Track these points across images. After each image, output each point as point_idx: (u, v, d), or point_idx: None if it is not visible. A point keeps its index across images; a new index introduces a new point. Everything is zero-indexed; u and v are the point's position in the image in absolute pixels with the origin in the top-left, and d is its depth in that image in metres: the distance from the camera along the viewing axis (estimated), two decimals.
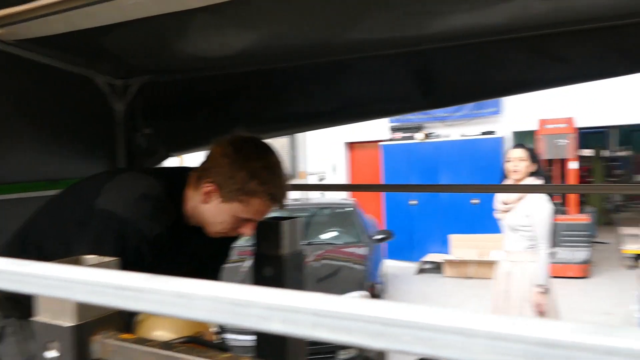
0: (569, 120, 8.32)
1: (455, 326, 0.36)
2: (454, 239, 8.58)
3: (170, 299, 0.47)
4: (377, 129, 9.66)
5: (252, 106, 2.41)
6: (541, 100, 8.31)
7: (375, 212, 9.39)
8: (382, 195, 9.68)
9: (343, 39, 1.85)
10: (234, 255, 2.28)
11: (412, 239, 9.40)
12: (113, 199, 1.37)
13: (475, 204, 8.85)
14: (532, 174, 3.71)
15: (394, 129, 9.52)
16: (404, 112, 2.19)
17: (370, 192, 9.63)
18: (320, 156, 10.48)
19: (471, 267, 8.19)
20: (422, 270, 8.86)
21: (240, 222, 1.45)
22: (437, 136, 9.36)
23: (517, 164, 3.69)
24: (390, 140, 9.59)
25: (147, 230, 1.33)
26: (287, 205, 1.59)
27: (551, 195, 3.79)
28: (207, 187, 1.41)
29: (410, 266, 9.11)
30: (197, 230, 1.50)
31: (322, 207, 6.99)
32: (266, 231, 1.81)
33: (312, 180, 10.43)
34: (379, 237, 6.30)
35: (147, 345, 1.08)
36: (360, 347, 0.40)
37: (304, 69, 2.15)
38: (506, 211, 3.78)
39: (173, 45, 2.06)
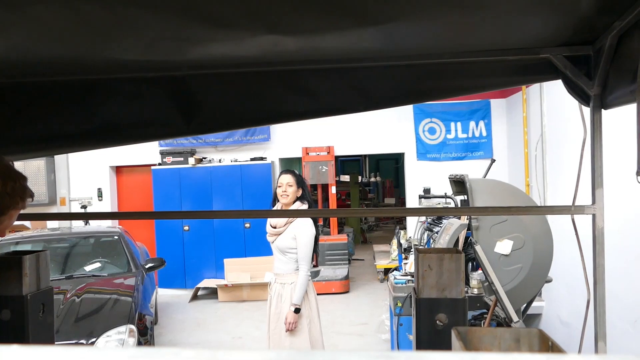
0: (329, 149, 9.16)
1: None
2: (228, 263, 8.66)
3: None
4: (147, 152, 9.31)
5: None
6: (305, 130, 9.03)
7: (145, 239, 8.98)
8: (153, 221, 9.31)
9: (96, 58, 1.74)
10: None
11: (186, 266, 9.22)
12: None
13: (247, 228, 9.10)
14: (298, 198, 3.95)
15: (164, 153, 9.28)
16: (165, 137, 2.12)
17: (140, 220, 9.17)
18: (85, 181, 9.64)
19: (245, 290, 8.35)
20: (196, 297, 8.72)
21: None
22: (210, 161, 9.41)
23: (286, 189, 3.90)
24: (161, 164, 9.32)
25: None
26: (37, 237, 1.43)
27: (315, 219, 4.06)
28: None
29: (185, 294, 8.90)
30: None
31: (86, 236, 6.42)
32: (5, 268, 1.59)
33: (75, 207, 9.52)
34: (150, 265, 6.02)
35: None
36: None
37: (53, 86, 1.96)
38: (276, 235, 3.94)
39: None
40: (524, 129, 7.53)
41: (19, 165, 8.97)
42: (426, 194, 9.09)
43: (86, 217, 5.38)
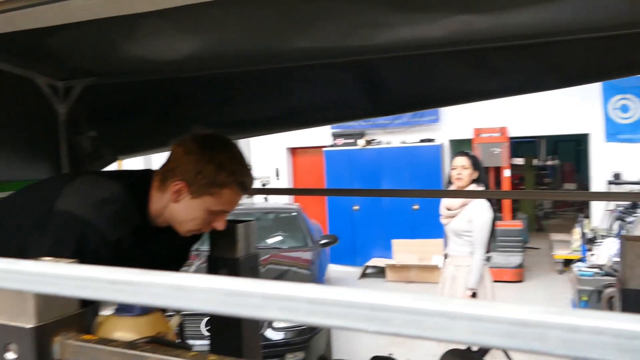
0: (502, 130, 8.72)
1: (439, 310, 0.41)
2: (396, 244, 8.78)
3: (169, 291, 0.50)
4: (319, 134, 9.77)
5: (198, 111, 2.41)
6: (476, 110, 8.69)
7: (318, 217, 9.48)
8: (325, 200, 9.78)
9: (291, 47, 1.89)
10: None
11: (355, 244, 9.55)
12: (74, 200, 1.34)
13: (415, 209, 9.10)
14: (474, 181, 3.86)
15: (336, 135, 9.66)
16: (350, 119, 2.25)
17: (313, 198, 9.69)
18: (264, 162, 10.47)
19: (413, 271, 8.40)
20: (365, 275, 9.01)
21: (212, 216, 1.47)
22: (379, 143, 9.57)
23: (460, 171, 3.85)
24: (332, 146, 9.72)
25: (108, 233, 1.32)
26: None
27: (491, 202, 3.93)
28: (176, 185, 1.41)
29: (354, 271, 9.24)
30: (159, 232, 1.50)
31: (267, 211, 6.99)
32: (221, 234, 1.82)
33: (256, 185, 10.39)
34: (324, 241, 6.37)
35: (111, 346, 1.08)
36: (355, 330, 0.44)
37: (251, 75, 2.18)
38: (450, 217, 3.90)
39: (118, 48, 2.03)
40: None
41: None
42: (616, 179, 8.23)
43: (274, 192, 5.82)
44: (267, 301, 0.46)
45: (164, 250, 1.57)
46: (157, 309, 1.32)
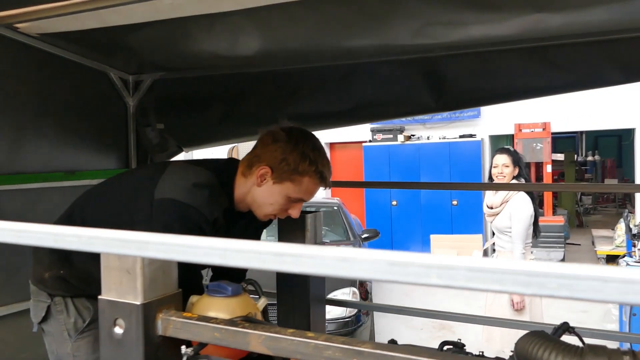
0: (545, 125, 8.61)
1: (590, 274, 0.48)
2: (435, 239, 8.78)
3: (335, 262, 0.58)
4: (358, 130, 9.81)
5: (264, 105, 2.50)
6: (517, 106, 8.59)
7: (357, 212, 9.54)
8: (364, 195, 9.84)
9: (360, 44, 1.96)
10: None
11: (394, 239, 9.58)
12: (171, 187, 1.45)
13: (454, 205, 9.08)
14: (515, 177, 3.81)
15: (375, 131, 9.69)
16: (415, 114, 2.32)
17: (352, 193, 9.76)
18: None
19: None
20: None
21: (290, 203, 1.57)
22: (418, 138, 9.56)
23: (502, 170, 3.79)
24: (372, 141, 9.76)
25: (207, 213, 1.43)
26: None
27: (533, 197, 3.90)
28: (261, 170, 1.52)
29: None
30: (240, 217, 1.61)
31: (308, 205, 7.08)
32: (290, 224, 1.92)
33: None
34: (366, 235, 6.43)
35: (212, 322, 1.18)
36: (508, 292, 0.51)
37: (317, 71, 2.26)
38: (493, 215, 3.88)
39: (187, 44, 2.14)
40: None
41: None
42: None
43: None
44: (427, 270, 0.54)
45: (242, 233, 1.67)
46: (245, 290, 1.42)
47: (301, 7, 1.62)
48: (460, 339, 1.56)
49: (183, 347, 1.17)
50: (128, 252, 0.75)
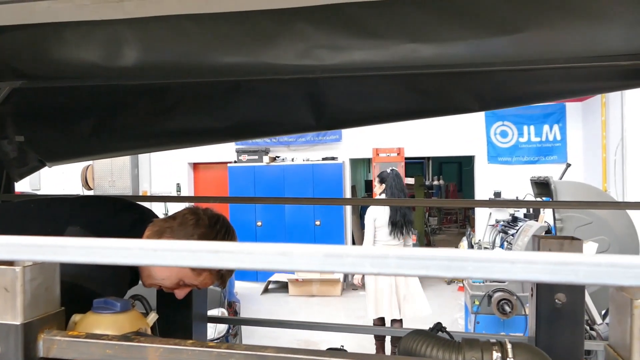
0: (399, 150, 9.29)
1: (500, 258, 0.57)
2: None
3: (274, 257, 0.60)
4: (223, 150, 9.76)
5: (139, 120, 2.41)
6: (375, 131, 9.20)
7: None
8: (229, 215, 9.74)
9: (243, 62, 1.99)
10: None
11: None
12: (71, 266, 1.35)
13: (317, 225, 9.37)
14: (383, 192, 5.44)
15: (240, 152, 9.70)
16: (295, 132, 2.39)
17: None
18: (165, 176, 10.22)
19: (315, 285, 8.61)
20: (267, 290, 9.07)
21: (180, 286, 1.55)
22: (283, 160, 9.75)
23: (375, 189, 5.63)
24: (236, 162, 9.75)
25: (110, 293, 1.36)
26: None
27: (395, 209, 5.40)
28: None
29: (257, 286, 9.27)
30: None
31: None
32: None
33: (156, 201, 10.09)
34: None
35: (103, 339, 1.13)
36: (438, 277, 0.58)
37: (200, 86, 2.24)
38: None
39: (59, 51, 2.00)
40: (602, 133, 7.41)
41: (106, 160, 9.63)
42: (497, 197, 9.08)
43: (166, 200, 5.77)
44: (362, 259, 0.59)
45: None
46: (134, 306, 1.36)
47: (190, 21, 1.62)
48: (342, 346, 1.64)
49: None
50: (40, 257, 0.70)
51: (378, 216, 5.44)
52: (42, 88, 2.38)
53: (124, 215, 1.66)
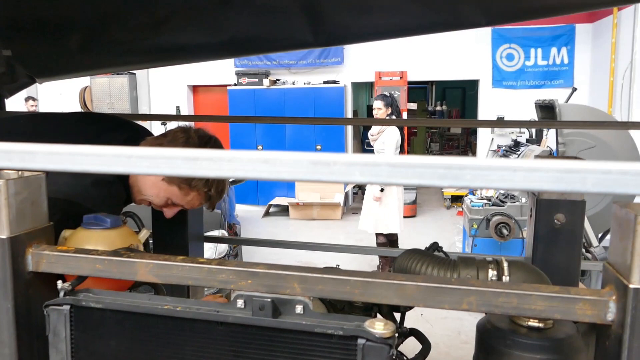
0: (402, 74, 9.08)
1: (501, 165, 0.52)
2: (299, 183, 8.99)
3: (257, 165, 0.56)
4: (223, 72, 9.55)
5: (131, 34, 2.30)
6: (378, 54, 8.95)
7: None
8: (229, 139, 9.70)
9: None
10: None
11: (259, 184, 9.64)
12: (67, 183, 1.32)
13: (318, 150, 9.33)
14: (388, 115, 5.47)
15: (240, 74, 9.50)
16: (292, 49, 2.29)
17: (218, 136, 9.54)
18: (164, 99, 10.07)
19: (315, 209, 8.70)
20: (268, 214, 9.18)
21: (168, 204, 1.53)
22: (283, 83, 9.57)
23: (377, 112, 5.48)
24: (237, 85, 9.57)
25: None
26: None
27: (401, 132, 5.56)
28: None
29: (258, 209, 9.38)
30: None
31: None
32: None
33: (156, 124, 10.01)
34: (231, 179, 6.38)
35: (92, 254, 1.11)
36: (432, 186, 0.54)
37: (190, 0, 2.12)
38: (373, 140, 5.60)
39: None
40: (612, 56, 7.20)
41: (104, 81, 9.46)
42: (500, 120, 8.97)
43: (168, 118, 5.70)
44: (351, 167, 0.55)
45: None
46: (125, 223, 1.34)
47: None
48: (338, 265, 1.64)
49: (59, 282, 1.08)
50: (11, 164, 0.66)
51: (398, 138, 5.50)
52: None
53: (118, 132, 1.64)
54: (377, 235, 5.77)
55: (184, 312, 0.98)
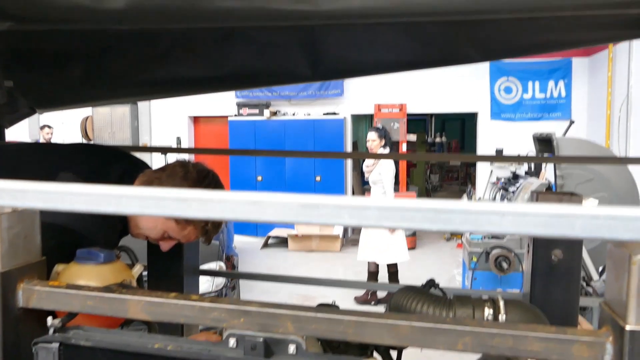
0: (401, 106, 9.16)
1: (489, 209, 0.52)
2: None
3: (246, 206, 0.56)
4: (224, 104, 9.64)
5: (131, 67, 2.33)
6: (377, 86, 9.05)
7: None
8: (228, 170, 9.73)
9: (235, 6, 1.90)
10: None
11: None
12: (62, 214, 1.31)
13: (318, 181, 9.35)
14: (382, 147, 5.74)
15: (240, 105, 9.58)
16: (291, 82, 2.32)
17: (217, 168, 9.57)
18: (165, 129, 10.14)
19: (314, 241, 8.66)
20: (267, 245, 9.14)
21: (165, 238, 1.52)
22: (284, 114, 9.64)
23: (371, 144, 5.74)
24: (237, 115, 9.64)
25: (99, 239, 1.36)
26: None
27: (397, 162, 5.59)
28: None
29: (256, 241, 9.33)
30: None
31: None
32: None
33: (156, 154, 10.05)
34: None
35: (84, 290, 1.10)
36: (422, 230, 0.53)
37: (193, 33, 2.15)
38: (369, 171, 5.76)
39: None
40: (608, 89, 7.27)
41: (106, 111, 9.53)
42: (499, 155, 9.01)
43: (166, 151, 5.71)
44: (340, 210, 0.55)
45: None
46: (119, 257, 1.33)
47: None
48: (334, 301, 1.63)
49: (49, 319, 1.07)
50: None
51: (394, 168, 5.79)
52: (30, 32, 2.29)
53: (116, 165, 1.64)
54: (369, 263, 6.02)
55: (175, 351, 0.96)
